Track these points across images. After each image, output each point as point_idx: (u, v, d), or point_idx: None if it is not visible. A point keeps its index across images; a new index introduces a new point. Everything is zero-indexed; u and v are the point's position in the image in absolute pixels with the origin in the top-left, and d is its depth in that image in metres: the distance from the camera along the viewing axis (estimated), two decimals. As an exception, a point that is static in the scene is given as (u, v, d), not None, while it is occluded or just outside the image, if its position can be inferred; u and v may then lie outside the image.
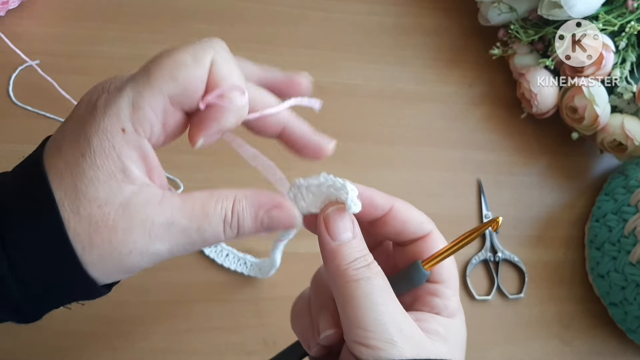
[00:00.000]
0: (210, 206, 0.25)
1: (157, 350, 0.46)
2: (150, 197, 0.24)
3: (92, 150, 0.24)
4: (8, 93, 0.50)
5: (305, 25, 0.62)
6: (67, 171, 0.24)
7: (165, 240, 0.25)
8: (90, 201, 0.23)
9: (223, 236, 0.26)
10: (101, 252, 0.24)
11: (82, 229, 0.23)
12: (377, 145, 0.58)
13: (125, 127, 0.24)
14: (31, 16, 0.54)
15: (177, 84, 0.25)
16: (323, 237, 0.27)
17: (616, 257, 0.53)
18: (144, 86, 0.24)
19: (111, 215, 0.23)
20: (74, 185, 0.23)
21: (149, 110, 0.24)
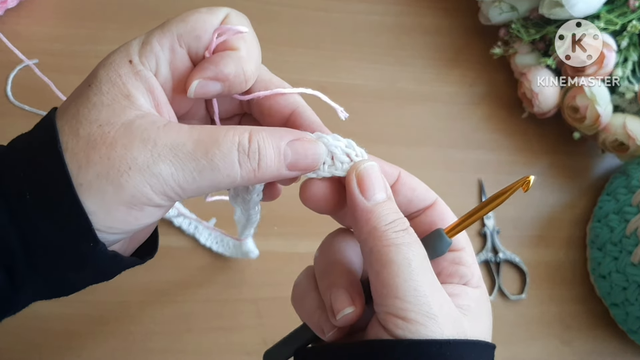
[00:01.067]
0: (220, 133, 0.24)
1: (157, 351, 0.45)
2: (155, 120, 0.23)
3: (98, 79, 0.24)
4: (6, 93, 0.50)
5: (306, 24, 0.62)
6: (72, 103, 0.24)
7: (169, 161, 0.23)
8: (90, 122, 0.23)
9: (238, 167, 0.24)
10: (98, 170, 0.22)
11: (79, 148, 0.22)
12: (377, 145, 0.58)
13: (132, 58, 0.24)
14: (30, 16, 0.54)
15: (186, 24, 0.25)
16: (355, 196, 0.25)
17: (618, 257, 0.52)
18: (156, 28, 0.26)
19: (111, 133, 0.23)
20: (77, 111, 0.23)
21: (156, 44, 0.25)
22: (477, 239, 0.56)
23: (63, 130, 0.23)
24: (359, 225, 0.25)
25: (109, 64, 0.24)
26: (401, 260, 0.24)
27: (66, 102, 0.25)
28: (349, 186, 0.26)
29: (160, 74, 0.25)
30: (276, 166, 0.25)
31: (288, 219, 0.50)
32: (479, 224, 0.57)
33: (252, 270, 0.50)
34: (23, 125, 0.49)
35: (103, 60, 0.25)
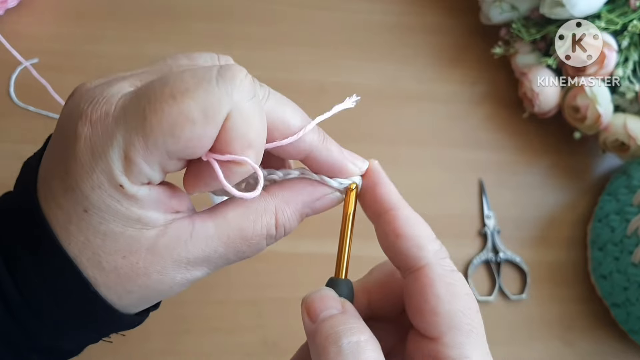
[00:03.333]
0: (249, 230, 0.23)
1: (157, 352, 0.45)
2: (179, 234, 0.22)
3: (94, 206, 0.20)
4: (9, 93, 0.50)
5: (306, 23, 0.61)
6: (73, 226, 0.21)
7: (204, 267, 0.24)
8: (111, 254, 0.21)
9: (265, 247, 0.25)
10: (140, 296, 0.23)
11: (112, 282, 0.22)
12: (377, 144, 0.58)
13: (121, 183, 0.20)
14: (30, 15, 0.54)
15: (177, 142, 0.20)
16: (304, 323, 0.23)
17: (618, 257, 0.52)
18: (137, 137, 0.19)
19: (140, 264, 0.22)
20: (87, 240, 0.21)
21: (144, 165, 0.20)
22: (477, 239, 0.56)
23: (81, 262, 0.21)
24: (310, 349, 0.22)
25: (97, 186, 0.20)
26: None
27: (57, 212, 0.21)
28: (302, 318, 0.23)
29: (154, 181, 0.22)
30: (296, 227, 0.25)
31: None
32: (479, 223, 0.57)
33: (252, 270, 0.50)
34: (26, 126, 0.49)
35: (84, 176, 0.20)
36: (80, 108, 0.20)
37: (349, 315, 0.22)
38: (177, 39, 0.57)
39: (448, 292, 0.22)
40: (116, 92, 0.21)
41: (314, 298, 0.23)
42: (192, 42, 0.57)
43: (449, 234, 0.56)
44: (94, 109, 0.20)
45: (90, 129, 0.20)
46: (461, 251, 0.55)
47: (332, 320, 0.22)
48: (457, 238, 0.56)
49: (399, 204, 0.25)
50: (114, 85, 0.21)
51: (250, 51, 0.58)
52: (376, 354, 0.21)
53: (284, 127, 0.23)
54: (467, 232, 0.56)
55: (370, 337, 0.21)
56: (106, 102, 0.20)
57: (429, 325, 0.22)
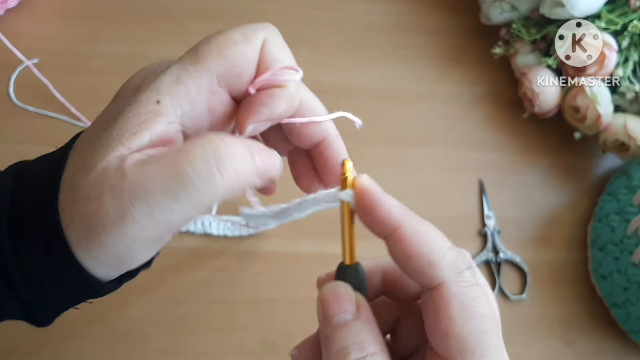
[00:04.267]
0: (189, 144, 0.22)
1: (156, 352, 0.45)
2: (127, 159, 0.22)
3: (117, 120, 0.22)
4: (8, 94, 0.50)
5: (306, 23, 0.61)
6: (85, 145, 0.23)
7: (142, 204, 0.21)
8: (86, 171, 0.21)
9: (219, 179, 0.21)
10: (79, 228, 0.21)
11: (67, 203, 0.22)
12: (377, 145, 0.58)
13: (160, 99, 0.22)
14: (30, 15, 0.54)
15: (225, 60, 0.23)
16: (319, 322, 0.23)
17: (619, 257, 0.52)
18: (190, 63, 0.23)
19: (87, 184, 0.21)
20: (84, 160, 0.22)
21: (192, 86, 0.23)
22: (477, 239, 0.56)
23: (65, 183, 0.22)
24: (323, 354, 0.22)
25: (135, 102, 0.22)
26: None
27: (85, 135, 0.24)
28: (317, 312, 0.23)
29: (195, 116, 0.23)
30: (251, 173, 0.22)
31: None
32: (479, 224, 0.57)
33: (252, 270, 0.50)
34: (26, 126, 0.49)
35: (131, 92, 0.23)
36: (139, 73, 0.25)
37: (361, 323, 0.22)
38: (177, 39, 0.57)
39: (463, 314, 0.21)
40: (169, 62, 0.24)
41: (329, 297, 0.23)
42: (192, 42, 0.57)
43: (449, 234, 0.55)
44: (155, 66, 0.25)
45: (150, 75, 0.24)
46: (461, 251, 0.55)
47: (344, 331, 0.21)
48: (457, 238, 0.55)
49: (403, 220, 0.22)
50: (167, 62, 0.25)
51: (250, 51, 0.58)
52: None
53: (311, 110, 0.27)
54: (467, 232, 0.56)
55: (380, 352, 0.21)
56: (166, 62, 0.24)
57: (440, 345, 0.21)
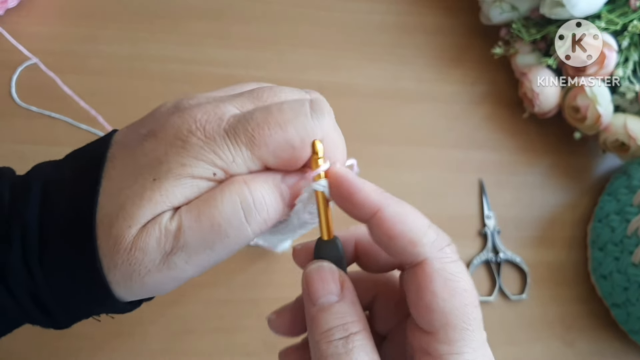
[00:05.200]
0: (217, 197, 0.23)
1: (157, 352, 0.45)
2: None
3: (167, 177, 0.23)
4: (10, 94, 0.50)
5: (306, 24, 0.61)
6: (123, 181, 0.23)
7: (182, 255, 0.23)
8: (124, 219, 0.22)
9: (249, 227, 0.23)
10: (122, 272, 0.23)
11: (107, 249, 0.23)
12: (377, 145, 0.58)
13: (216, 172, 0.23)
14: (30, 15, 0.54)
15: (276, 160, 0.24)
16: (304, 301, 0.24)
17: (619, 257, 0.52)
18: (245, 147, 0.23)
19: (132, 235, 0.22)
20: (123, 205, 0.23)
21: (243, 169, 0.24)
22: (477, 239, 0.56)
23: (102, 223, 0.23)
24: (308, 332, 0.24)
25: (188, 166, 0.23)
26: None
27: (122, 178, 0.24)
28: (302, 291, 0.25)
29: None
30: (279, 206, 0.24)
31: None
32: (479, 224, 0.57)
33: (253, 271, 0.50)
34: (28, 126, 0.49)
35: (186, 156, 0.23)
36: (194, 115, 0.24)
37: (345, 305, 0.23)
38: (177, 39, 0.57)
39: (445, 289, 0.22)
40: (226, 111, 0.24)
41: (313, 278, 0.24)
42: (192, 42, 0.57)
43: (449, 234, 0.56)
44: (208, 117, 0.23)
45: (205, 133, 0.23)
46: (461, 251, 0.55)
47: (329, 313, 0.23)
48: (457, 238, 0.55)
49: (381, 203, 0.23)
50: (222, 106, 0.24)
51: (250, 51, 0.58)
52: (368, 357, 0.21)
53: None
54: (467, 232, 0.56)
55: (362, 330, 0.22)
56: (219, 116, 0.24)
57: (423, 320, 0.22)
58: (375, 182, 0.24)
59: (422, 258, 0.22)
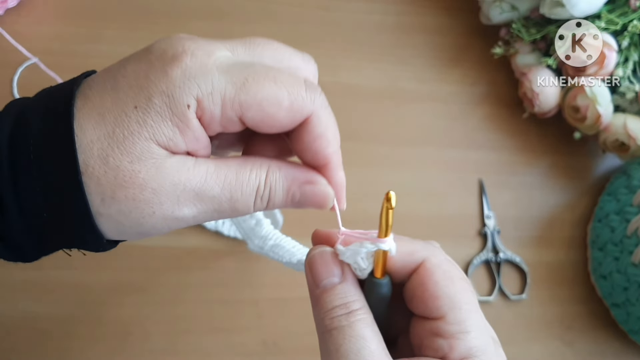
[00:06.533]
0: (244, 175, 0.24)
1: (157, 351, 0.45)
2: (185, 161, 0.23)
3: (147, 107, 0.22)
4: (12, 93, 0.50)
5: (305, 23, 0.61)
6: (111, 116, 0.22)
7: (193, 206, 0.24)
8: (122, 153, 0.22)
9: (252, 208, 0.25)
10: (121, 208, 0.23)
11: (106, 180, 0.22)
12: (377, 145, 0.58)
13: (190, 104, 0.22)
14: (30, 15, 0.54)
15: (257, 114, 0.23)
16: (308, 283, 0.26)
17: (618, 257, 0.52)
18: (231, 89, 0.23)
19: (142, 174, 0.22)
20: (112, 131, 0.22)
21: (217, 109, 0.23)
22: (477, 239, 0.56)
23: (91, 150, 0.22)
24: (313, 312, 0.25)
25: (167, 95, 0.22)
26: (331, 347, 0.23)
27: (105, 96, 0.23)
28: (305, 274, 0.26)
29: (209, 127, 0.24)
30: (284, 205, 0.26)
31: (288, 219, 0.50)
32: (479, 223, 0.57)
33: (253, 270, 0.50)
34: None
35: (163, 83, 0.23)
36: (183, 43, 0.23)
37: (347, 285, 0.25)
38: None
39: (446, 278, 0.24)
40: (217, 49, 0.24)
41: (317, 261, 0.25)
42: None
43: (449, 234, 0.56)
44: (198, 48, 0.23)
45: (189, 59, 0.23)
46: (461, 251, 0.55)
47: (332, 293, 0.25)
48: (457, 238, 0.56)
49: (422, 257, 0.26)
50: (213, 43, 0.24)
51: (250, 51, 0.58)
52: (369, 328, 0.24)
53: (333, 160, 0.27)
54: (467, 232, 0.56)
55: (363, 307, 0.24)
56: (209, 50, 0.23)
57: (432, 308, 0.24)
58: (375, 182, 0.25)
59: (421, 260, 0.25)
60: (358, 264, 0.25)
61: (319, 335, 0.24)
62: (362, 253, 0.25)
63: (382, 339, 0.24)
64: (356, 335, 0.23)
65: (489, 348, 0.24)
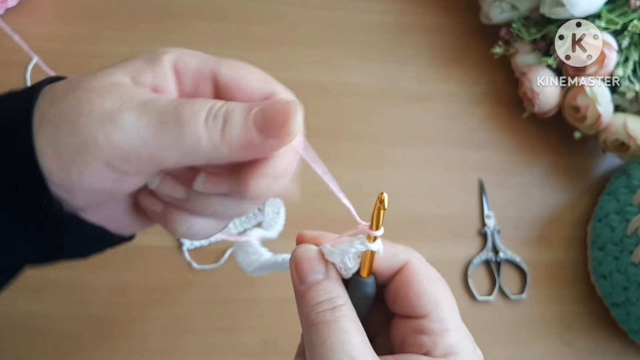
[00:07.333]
0: (192, 100, 0.23)
1: (157, 351, 0.45)
2: (143, 88, 0.24)
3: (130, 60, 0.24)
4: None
5: (306, 23, 0.61)
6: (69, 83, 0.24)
7: (135, 110, 0.22)
8: (89, 77, 0.24)
9: (203, 127, 0.22)
10: (61, 109, 0.22)
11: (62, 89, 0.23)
12: (377, 144, 0.58)
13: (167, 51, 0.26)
14: (30, 15, 0.54)
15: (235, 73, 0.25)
16: (293, 280, 0.26)
17: (618, 257, 0.52)
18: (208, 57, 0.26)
19: (96, 81, 0.23)
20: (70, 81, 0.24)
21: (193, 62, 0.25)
22: (477, 239, 0.56)
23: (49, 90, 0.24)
24: (298, 308, 0.26)
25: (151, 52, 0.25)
26: (316, 341, 0.23)
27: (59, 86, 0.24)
28: (290, 271, 0.27)
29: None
30: (244, 129, 0.23)
31: (288, 219, 0.50)
32: (479, 223, 0.57)
33: (252, 270, 0.50)
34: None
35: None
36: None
37: (330, 281, 0.26)
38: (176, 38, 0.57)
39: (428, 278, 0.26)
40: None
41: (302, 259, 0.26)
42: (191, 41, 0.57)
43: (449, 234, 0.56)
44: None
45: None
46: (461, 251, 0.55)
47: (316, 289, 0.25)
48: (457, 238, 0.56)
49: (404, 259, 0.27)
50: None
51: (250, 51, 0.58)
52: (353, 323, 0.24)
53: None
54: (467, 232, 0.56)
55: (347, 303, 0.25)
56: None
57: (416, 307, 0.25)
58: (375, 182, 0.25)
59: (404, 262, 0.26)
60: (345, 263, 0.26)
61: (303, 331, 0.25)
62: (350, 253, 0.25)
63: (366, 334, 0.25)
64: (341, 330, 0.24)
65: (468, 346, 0.25)
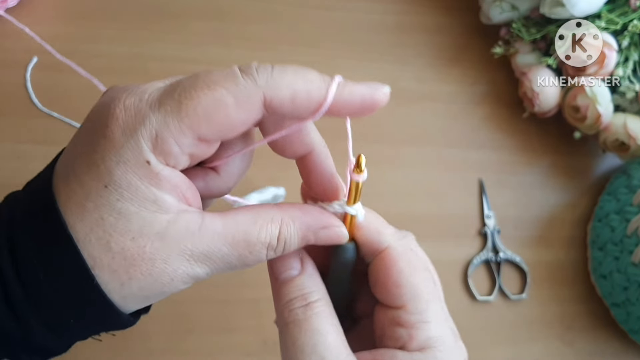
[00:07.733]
0: (253, 234, 0.24)
1: (157, 351, 0.45)
2: (188, 225, 0.23)
3: (115, 182, 0.21)
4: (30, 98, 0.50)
5: (306, 23, 0.61)
6: (90, 203, 0.22)
7: (205, 266, 0.23)
8: (121, 234, 0.22)
9: (265, 259, 0.25)
10: (141, 285, 0.23)
11: (117, 265, 0.22)
12: (377, 144, 0.58)
13: (149, 159, 0.22)
14: (30, 15, 0.54)
15: (211, 128, 0.22)
16: (270, 278, 0.26)
17: (618, 257, 0.52)
18: (171, 119, 0.22)
19: (147, 248, 0.22)
20: (100, 218, 0.22)
21: (174, 145, 0.22)
22: (477, 239, 0.56)
23: (90, 242, 0.22)
24: (274, 306, 0.26)
25: (123, 162, 0.21)
26: (289, 341, 0.24)
27: (76, 189, 0.22)
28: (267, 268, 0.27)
29: (179, 164, 0.23)
30: (296, 249, 0.25)
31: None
32: (479, 223, 0.57)
33: (253, 270, 0.49)
34: (27, 125, 0.49)
35: (111, 151, 0.22)
36: (114, 96, 0.22)
37: (304, 277, 0.25)
38: (177, 38, 0.57)
39: (409, 267, 0.25)
40: (150, 86, 0.23)
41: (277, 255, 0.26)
42: (191, 41, 0.57)
43: (449, 234, 0.56)
44: (129, 95, 0.22)
45: (123, 112, 0.22)
46: (461, 251, 0.55)
47: (290, 285, 0.25)
48: (457, 238, 0.56)
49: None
50: (147, 83, 0.23)
51: (250, 51, 0.58)
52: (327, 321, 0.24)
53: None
54: (467, 232, 0.56)
55: (321, 299, 0.25)
56: (141, 92, 0.22)
57: (394, 296, 0.25)
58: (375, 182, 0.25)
59: (386, 245, 0.26)
60: None
61: (278, 329, 0.25)
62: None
63: (342, 330, 0.24)
64: (312, 329, 0.23)
65: (447, 339, 0.24)
